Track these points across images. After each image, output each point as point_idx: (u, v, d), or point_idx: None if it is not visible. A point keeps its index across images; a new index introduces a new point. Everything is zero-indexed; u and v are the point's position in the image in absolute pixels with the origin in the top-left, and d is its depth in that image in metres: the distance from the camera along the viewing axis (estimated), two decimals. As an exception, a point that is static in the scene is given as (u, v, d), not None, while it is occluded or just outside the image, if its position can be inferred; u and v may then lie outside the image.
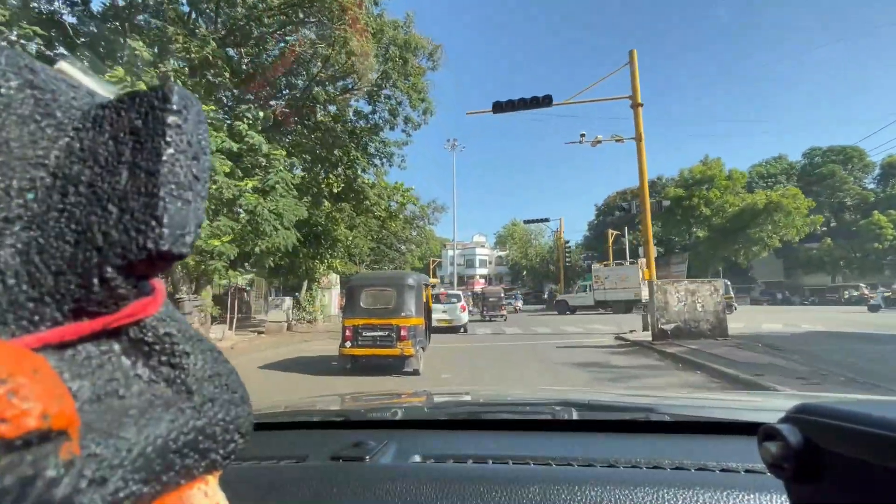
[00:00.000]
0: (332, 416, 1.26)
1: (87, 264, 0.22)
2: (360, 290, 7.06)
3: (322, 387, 6.17)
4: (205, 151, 0.25)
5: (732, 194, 27.92)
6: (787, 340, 10.02)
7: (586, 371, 7.14)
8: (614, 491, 0.62)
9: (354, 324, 6.78)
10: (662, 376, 6.80)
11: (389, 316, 6.75)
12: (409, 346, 6.59)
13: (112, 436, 0.19)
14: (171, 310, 0.26)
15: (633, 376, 6.71)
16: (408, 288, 6.93)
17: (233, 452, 0.25)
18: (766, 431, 0.35)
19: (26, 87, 0.23)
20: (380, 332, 6.68)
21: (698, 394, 3.02)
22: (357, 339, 6.74)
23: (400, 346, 6.59)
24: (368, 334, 6.71)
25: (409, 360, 6.66)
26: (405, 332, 6.60)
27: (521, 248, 53.72)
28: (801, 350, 8.25)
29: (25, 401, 0.16)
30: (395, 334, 6.63)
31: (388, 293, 6.96)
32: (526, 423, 1.09)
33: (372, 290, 7.10)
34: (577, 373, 7.00)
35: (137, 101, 0.24)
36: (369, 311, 6.87)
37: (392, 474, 0.72)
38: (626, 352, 9.64)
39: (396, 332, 6.62)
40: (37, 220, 0.23)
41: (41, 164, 0.23)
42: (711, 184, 27.69)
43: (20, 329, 0.21)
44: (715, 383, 6.08)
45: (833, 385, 5.45)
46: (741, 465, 0.71)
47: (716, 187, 27.60)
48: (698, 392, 4.65)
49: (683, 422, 0.99)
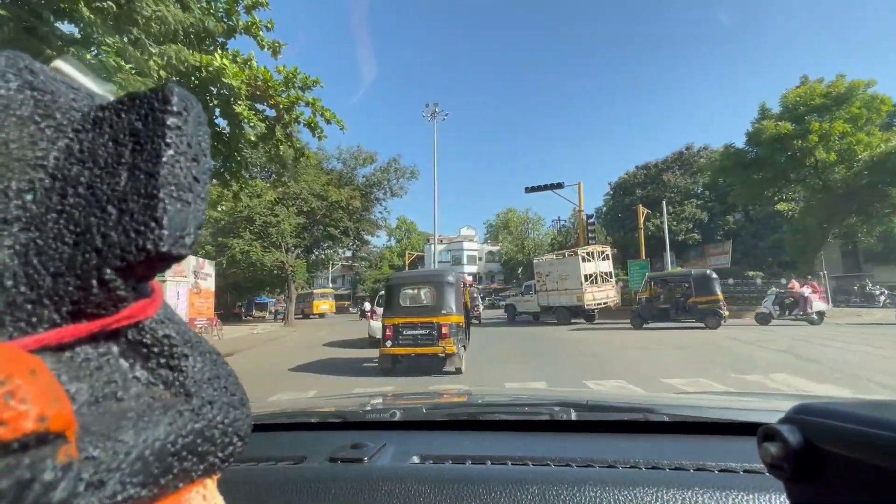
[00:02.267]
0: (331, 417, 1.26)
1: (85, 266, 0.22)
2: (399, 289, 7.08)
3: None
4: (205, 153, 0.25)
5: (866, 134, 15.61)
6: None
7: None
8: (613, 491, 0.62)
9: (394, 323, 6.75)
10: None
11: (430, 314, 6.74)
12: (451, 344, 6.51)
13: (110, 439, 0.19)
14: (169, 312, 0.26)
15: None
16: (447, 285, 6.91)
17: (231, 455, 0.25)
18: (765, 432, 0.35)
19: (26, 89, 0.23)
20: (420, 330, 6.64)
21: (697, 395, 2.57)
22: (398, 337, 6.68)
23: (442, 344, 6.54)
24: (409, 333, 6.66)
25: (451, 358, 6.60)
26: (446, 329, 6.56)
27: (517, 241, 44.69)
28: None
29: (23, 403, 0.16)
30: (436, 332, 6.58)
31: (428, 291, 7.02)
32: (525, 424, 1.10)
33: (411, 289, 7.21)
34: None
35: (137, 103, 0.24)
36: (409, 310, 6.89)
37: (390, 475, 0.71)
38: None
39: (437, 329, 6.59)
40: (35, 221, 0.22)
41: (40, 166, 0.23)
42: (831, 113, 15.49)
43: (18, 331, 0.21)
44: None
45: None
46: (740, 466, 0.70)
47: (840, 119, 15.47)
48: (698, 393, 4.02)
49: (682, 422, 0.99)
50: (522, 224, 46.00)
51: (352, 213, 23.51)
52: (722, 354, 7.89)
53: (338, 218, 23.11)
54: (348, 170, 23.94)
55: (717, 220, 31.55)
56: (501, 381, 6.20)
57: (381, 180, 24.24)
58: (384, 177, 24.17)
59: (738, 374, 6.17)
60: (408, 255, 41.23)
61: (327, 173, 23.39)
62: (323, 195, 20.70)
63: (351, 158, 24.33)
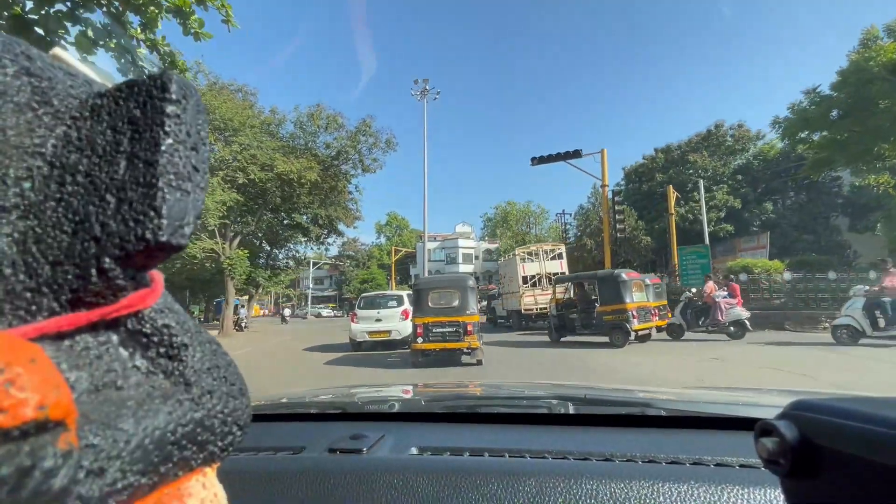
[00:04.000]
0: (330, 408, 1.26)
1: (84, 255, 0.22)
2: (427, 292, 7.93)
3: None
4: (204, 142, 0.25)
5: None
6: None
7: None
8: (610, 484, 0.63)
9: (424, 322, 7.66)
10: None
11: (456, 314, 7.63)
12: (475, 340, 7.48)
13: (110, 427, 0.19)
14: (169, 301, 0.26)
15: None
16: (469, 289, 7.84)
17: (231, 445, 0.25)
18: (762, 427, 0.35)
19: (23, 75, 0.23)
20: (448, 328, 7.60)
21: (695, 389, 2.45)
22: (427, 335, 7.62)
23: (467, 340, 7.48)
24: (438, 330, 7.62)
25: (475, 351, 7.54)
26: (471, 327, 7.51)
27: (517, 236, 40.07)
28: None
29: (22, 391, 0.16)
30: (462, 330, 7.55)
31: (453, 293, 7.85)
32: (523, 417, 1.10)
33: (437, 292, 7.98)
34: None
35: (136, 90, 0.24)
36: (437, 311, 7.75)
37: (389, 466, 0.72)
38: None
39: (463, 327, 7.55)
40: (34, 209, 0.22)
41: (38, 153, 0.23)
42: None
43: (17, 319, 0.21)
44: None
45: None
46: (736, 461, 0.71)
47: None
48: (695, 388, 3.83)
49: (679, 416, 1.00)
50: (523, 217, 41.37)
51: (323, 198, 18.66)
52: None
53: (304, 203, 18.36)
54: (307, 136, 18.52)
55: (752, 209, 27.02)
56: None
57: (348, 148, 18.64)
58: (352, 145, 18.65)
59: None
60: (394, 251, 36.57)
61: (280, 139, 18.17)
62: (269, 165, 15.79)
63: (309, 121, 18.09)
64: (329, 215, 20.15)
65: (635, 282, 9.76)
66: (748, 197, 27.13)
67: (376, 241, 60.08)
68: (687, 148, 29.16)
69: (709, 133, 29.10)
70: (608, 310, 9.55)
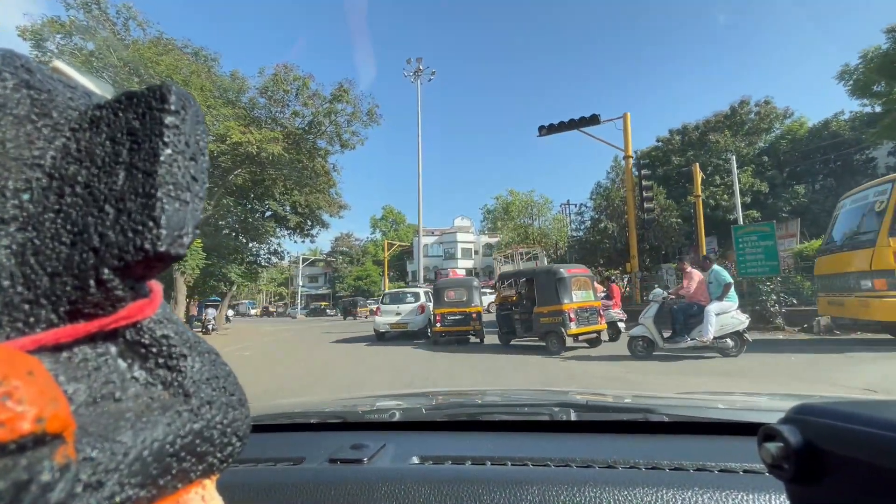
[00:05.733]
0: (330, 417, 1.25)
1: (83, 266, 0.22)
2: (445, 290, 10.87)
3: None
4: (203, 152, 0.25)
5: None
6: None
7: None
8: (613, 491, 0.63)
9: (442, 312, 10.48)
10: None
11: (465, 306, 10.54)
12: (479, 325, 10.47)
13: (108, 439, 0.19)
14: (168, 312, 0.26)
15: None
16: (475, 288, 10.97)
17: (231, 456, 0.25)
18: (765, 432, 0.35)
19: (22, 87, 0.23)
20: (459, 316, 10.47)
21: (697, 394, 2.24)
22: (444, 321, 10.45)
23: (472, 325, 10.46)
24: (452, 318, 10.47)
25: (479, 332, 10.49)
26: (475, 315, 10.47)
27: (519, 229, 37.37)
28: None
29: (20, 404, 0.15)
30: (469, 317, 10.48)
31: (463, 291, 10.80)
32: (524, 425, 1.09)
33: (451, 290, 10.91)
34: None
35: (135, 102, 0.24)
36: (451, 303, 10.60)
37: (390, 476, 0.72)
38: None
39: (470, 316, 10.49)
40: (32, 221, 0.22)
41: (37, 165, 0.23)
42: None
43: (15, 331, 0.21)
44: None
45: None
46: (740, 466, 0.70)
47: None
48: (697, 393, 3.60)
49: (682, 422, 0.99)
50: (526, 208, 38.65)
51: (296, 179, 16.01)
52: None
53: (279, 189, 15.81)
54: (272, 103, 15.62)
55: (781, 193, 24.38)
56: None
57: (322, 119, 15.71)
58: (326, 114, 15.68)
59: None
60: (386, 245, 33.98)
61: (240, 107, 15.29)
62: (222, 135, 13.06)
63: (274, 86, 15.11)
64: (308, 202, 17.55)
65: (578, 278, 8.55)
66: (775, 180, 24.50)
67: (371, 237, 57.49)
68: (706, 128, 26.47)
69: (733, 111, 26.37)
70: (545, 311, 8.37)
